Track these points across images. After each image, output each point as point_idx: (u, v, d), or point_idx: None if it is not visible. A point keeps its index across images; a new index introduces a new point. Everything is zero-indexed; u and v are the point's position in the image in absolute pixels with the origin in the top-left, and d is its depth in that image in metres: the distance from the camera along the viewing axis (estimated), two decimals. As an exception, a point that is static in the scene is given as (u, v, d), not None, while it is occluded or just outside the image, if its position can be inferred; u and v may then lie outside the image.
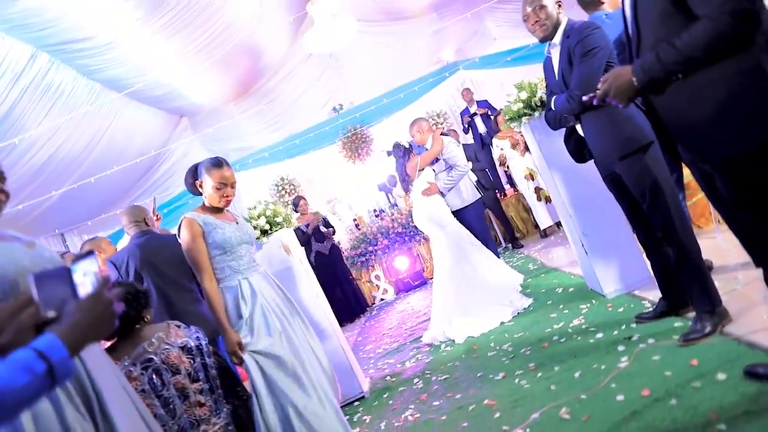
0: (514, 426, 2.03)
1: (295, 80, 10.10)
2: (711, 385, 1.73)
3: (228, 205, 2.31)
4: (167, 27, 6.84)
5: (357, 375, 3.30)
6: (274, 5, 8.14)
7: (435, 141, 4.32)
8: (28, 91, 6.69)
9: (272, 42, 9.01)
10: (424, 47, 9.94)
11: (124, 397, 1.38)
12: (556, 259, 4.92)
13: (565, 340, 2.73)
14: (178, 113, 9.81)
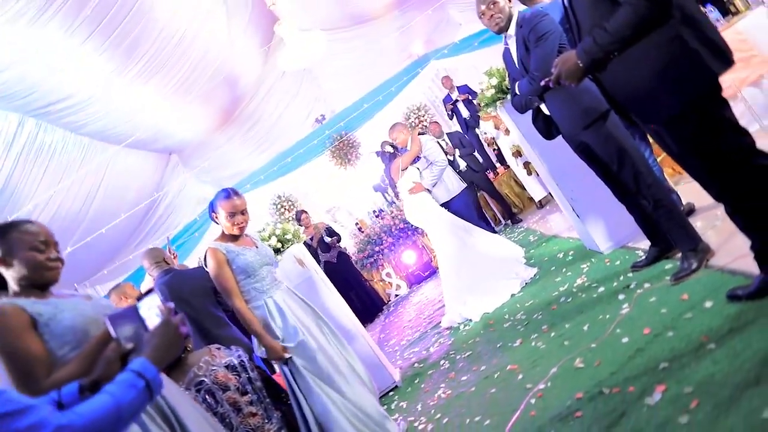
0: (536, 383, 2.24)
1: (273, 99, 10.30)
2: (700, 314, 1.94)
3: (242, 231, 2.52)
4: (142, 73, 7.02)
5: (387, 367, 3.51)
6: (241, 31, 8.33)
7: (413, 142, 4.54)
8: (21, 157, 6.87)
9: (245, 66, 9.20)
10: (394, 45, 10.15)
11: (195, 412, 1.59)
12: (554, 226, 5.13)
13: (571, 299, 2.94)
14: (166, 152, 9.99)
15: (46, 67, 5.94)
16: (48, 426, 0.87)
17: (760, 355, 1.51)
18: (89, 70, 6.30)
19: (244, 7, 8.11)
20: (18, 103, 6.31)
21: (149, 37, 6.58)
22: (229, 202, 2.46)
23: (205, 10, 7.21)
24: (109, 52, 6.26)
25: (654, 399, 1.63)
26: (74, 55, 5.91)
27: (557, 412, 1.92)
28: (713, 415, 1.41)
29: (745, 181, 1.64)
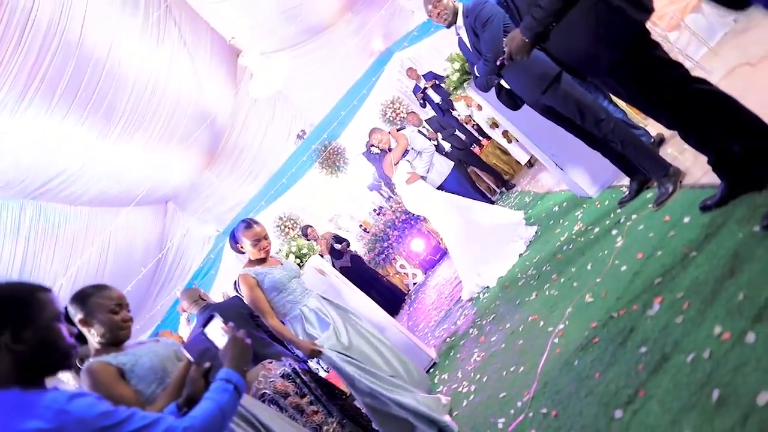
0: (556, 325, 2.49)
1: (252, 127, 10.52)
2: (681, 229, 2.19)
3: (268, 254, 2.77)
4: (124, 132, 7.24)
5: (422, 348, 3.76)
6: (206, 70, 8.55)
7: (397, 138, 4.78)
8: (30, 240, 7.10)
9: (218, 102, 9.43)
10: (355, 47, 10.37)
11: (272, 413, 1.85)
12: (545, 183, 5.38)
13: (573, 245, 3.19)
14: (163, 202, 10.22)
15: (35, 150, 6.18)
16: (177, 428, 1.13)
17: (731, 251, 1.76)
18: (75, 142, 6.54)
19: (204, 47, 8.34)
20: (16, 189, 6.56)
21: (123, 98, 6.82)
22: (251, 231, 2.71)
23: (168, 58, 7.44)
24: (89, 120, 6.49)
25: (654, 310, 1.88)
26: (59, 131, 6.15)
27: (578, 343, 2.17)
28: (702, 310, 1.66)
29: (687, 106, 1.89)
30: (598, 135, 2.60)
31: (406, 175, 4.63)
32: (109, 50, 6.16)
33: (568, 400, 1.90)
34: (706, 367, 1.44)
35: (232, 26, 8.10)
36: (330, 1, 9.36)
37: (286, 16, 8.48)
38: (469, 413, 2.57)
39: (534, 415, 2.02)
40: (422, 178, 4.70)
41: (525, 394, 2.21)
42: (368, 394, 2.64)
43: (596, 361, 1.94)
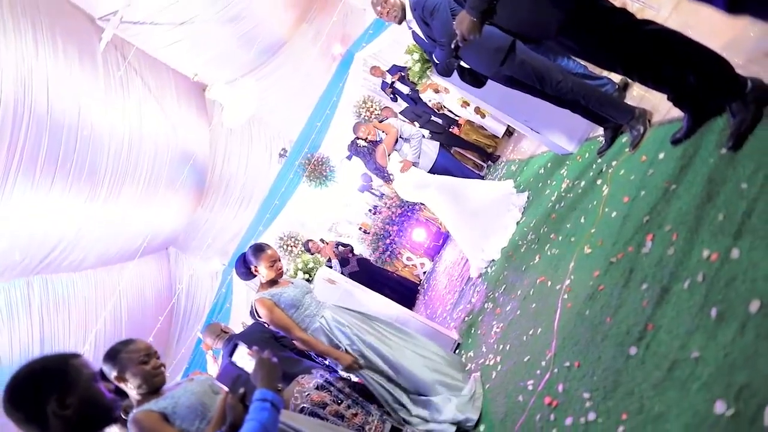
0: (563, 281, 2.59)
1: (233, 156, 10.59)
2: (658, 166, 2.28)
3: (282, 274, 2.86)
4: (111, 190, 7.31)
5: (445, 333, 3.85)
6: (176, 111, 8.62)
7: (385, 128, 4.86)
8: (44, 314, 7.17)
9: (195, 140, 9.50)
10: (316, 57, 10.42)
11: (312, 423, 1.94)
12: (527, 149, 5.47)
13: (564, 203, 3.29)
14: (164, 247, 10.30)
15: (28, 227, 6.25)
16: None
17: (706, 177, 1.86)
18: (65, 210, 6.61)
19: (169, 90, 8.41)
20: (19, 269, 6.63)
21: (102, 157, 6.89)
22: (266, 254, 2.81)
23: (137, 109, 7.50)
24: (74, 186, 6.56)
25: (647, 248, 1.97)
26: (47, 204, 6.22)
27: (586, 294, 2.26)
28: (689, 238, 1.75)
29: (638, 51, 1.99)
30: (560, 95, 2.69)
31: (399, 164, 4.70)
32: (78, 114, 6.23)
33: (587, 348, 2.00)
34: (701, 290, 1.54)
35: (191, 64, 8.17)
36: (282, 18, 9.41)
37: (242, 42, 8.54)
38: (500, 383, 2.67)
39: (559, 370, 2.12)
40: (414, 164, 4.78)
41: (547, 353, 2.31)
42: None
43: (605, 307, 2.04)
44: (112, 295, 8.61)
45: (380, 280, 7.03)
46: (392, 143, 4.77)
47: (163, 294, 10.02)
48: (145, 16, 7.09)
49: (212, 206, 10.82)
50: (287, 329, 2.79)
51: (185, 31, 7.63)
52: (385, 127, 4.87)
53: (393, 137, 4.80)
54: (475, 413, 2.66)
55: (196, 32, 7.66)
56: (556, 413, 1.96)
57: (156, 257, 10.36)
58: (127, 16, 6.93)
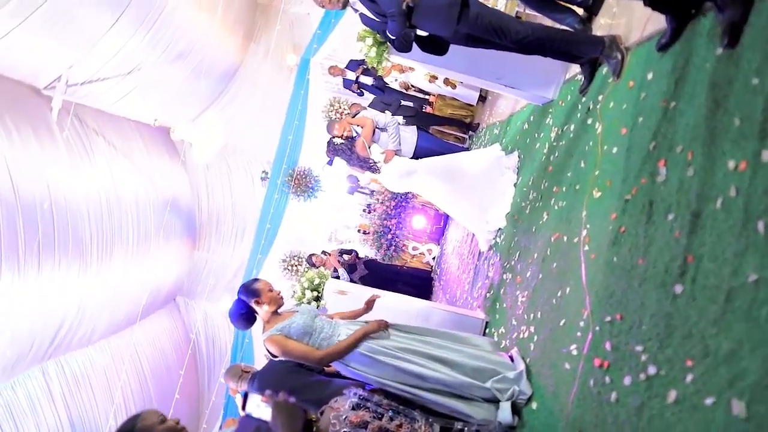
0: (579, 233, 2.42)
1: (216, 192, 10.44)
2: (649, 87, 2.12)
3: (283, 302, 2.69)
4: (101, 257, 7.15)
5: (470, 315, 3.70)
6: (146, 161, 8.43)
7: (359, 122, 4.69)
8: (66, 396, 7.01)
9: (174, 184, 9.31)
10: (271, 72, 10.23)
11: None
12: (505, 109, 5.31)
13: (557, 153, 3.13)
14: (170, 299, 10.14)
15: (27, 314, 6.07)
16: None
17: (706, 83, 1.69)
18: (60, 288, 6.43)
19: (134, 142, 8.22)
20: (29, 358, 6.46)
21: (84, 226, 6.70)
22: (258, 284, 2.66)
23: (107, 168, 7.31)
24: (63, 261, 6.38)
25: (662, 175, 1.81)
26: (40, 286, 6.04)
27: (607, 240, 2.11)
28: (707, 153, 1.59)
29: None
30: (522, 44, 2.53)
31: (381, 156, 4.53)
32: (48, 190, 6.03)
33: (625, 298, 1.84)
34: (738, 204, 1.38)
35: (149, 110, 7.98)
36: (228, 43, 9.21)
37: (195, 76, 8.35)
38: (541, 353, 2.51)
39: (601, 328, 1.96)
40: (396, 152, 4.61)
41: (583, 312, 2.15)
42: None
43: (633, 249, 1.88)
44: (131, 359, 8.46)
45: (392, 277, 6.88)
46: (370, 134, 4.60)
47: (181, 345, 9.87)
48: (90, 74, 6.88)
49: (208, 246, 10.66)
50: (305, 357, 2.62)
51: (135, 79, 7.42)
52: (360, 121, 4.69)
53: (370, 128, 4.62)
54: (527, 387, 2.50)
55: (146, 78, 7.46)
56: (610, 374, 1.80)
57: (166, 310, 10.20)
58: (72, 79, 6.74)
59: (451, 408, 2.54)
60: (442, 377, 2.58)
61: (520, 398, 2.50)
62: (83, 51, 6.48)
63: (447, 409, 2.55)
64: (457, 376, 2.58)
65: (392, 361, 2.61)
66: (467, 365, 2.64)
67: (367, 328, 2.67)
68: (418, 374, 2.58)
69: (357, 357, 2.63)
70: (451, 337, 2.87)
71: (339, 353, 2.60)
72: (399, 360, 2.61)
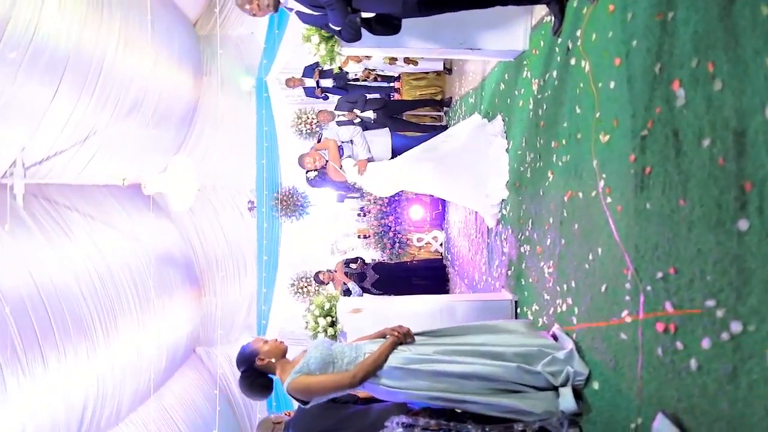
0: (596, 184, 2.15)
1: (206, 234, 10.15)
2: (634, 4, 1.86)
3: (284, 345, 2.43)
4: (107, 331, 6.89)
5: (496, 298, 3.44)
6: (128, 223, 8.15)
7: (325, 146, 4.49)
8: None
9: (164, 238, 9.04)
10: (230, 100, 9.93)
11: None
12: (475, 74, 5.03)
13: (545, 105, 2.86)
14: (190, 353, 9.92)
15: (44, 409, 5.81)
16: None
17: (708, -22, 1.43)
18: (74, 373, 6.17)
19: (112, 208, 7.93)
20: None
21: (80, 306, 6.45)
22: (253, 340, 2.42)
23: (91, 241, 7.04)
24: (68, 347, 6.12)
25: (681, 97, 1.55)
26: (51, 377, 5.78)
27: (632, 186, 1.85)
28: (732, 58, 1.33)
29: None
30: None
31: (356, 169, 4.29)
32: (33, 281, 5.77)
33: (674, 248, 1.58)
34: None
35: (118, 172, 7.68)
36: (178, 83, 8.89)
37: (154, 124, 8.05)
38: (587, 327, 2.25)
39: (653, 287, 1.70)
40: (370, 160, 4.36)
41: (625, 272, 1.89)
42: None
43: (668, 190, 1.62)
44: (165, 425, 8.22)
45: (404, 275, 6.63)
46: (337, 156, 4.39)
47: (213, 396, 9.62)
48: (46, 151, 6.59)
49: (214, 290, 10.39)
50: (337, 386, 2.34)
51: (93, 144, 7.12)
52: (323, 145, 4.49)
53: (334, 150, 4.41)
54: (582, 366, 2.24)
55: (104, 140, 7.15)
56: (681, 339, 1.54)
57: (188, 365, 9.95)
58: (29, 160, 6.45)
59: (505, 407, 2.28)
60: (486, 370, 2.31)
61: (578, 380, 2.24)
62: (31, 130, 6.19)
63: (501, 410, 2.29)
64: (503, 364, 2.32)
65: (428, 367, 2.35)
66: (509, 353, 2.38)
67: (392, 339, 2.40)
68: (459, 374, 2.32)
69: (390, 372, 2.37)
70: (481, 329, 2.61)
71: (371, 366, 2.32)
72: (435, 364, 2.35)
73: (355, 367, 2.30)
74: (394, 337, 2.38)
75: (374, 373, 2.31)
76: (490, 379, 2.30)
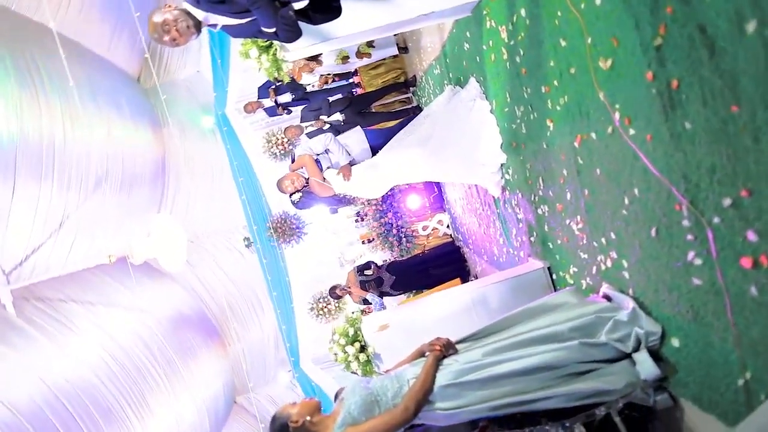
0: (609, 117, 1.86)
1: (211, 283, 9.89)
2: None
3: (317, 399, 2.14)
4: (140, 414, 6.60)
5: (526, 270, 3.14)
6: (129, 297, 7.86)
7: (300, 163, 4.22)
8: None
9: (171, 302, 8.76)
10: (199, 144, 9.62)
11: None
12: (433, 43, 4.72)
13: (521, 50, 2.56)
14: (231, 405, 9.67)
15: None
16: None
17: None
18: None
19: (107, 286, 7.63)
20: None
21: (104, 394, 6.19)
22: (280, 408, 2.11)
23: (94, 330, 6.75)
24: None
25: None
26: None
27: (657, 108, 1.55)
28: None
29: None
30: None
31: (340, 176, 3.99)
32: (46, 385, 5.51)
33: (739, 165, 1.29)
34: None
35: (101, 252, 7.35)
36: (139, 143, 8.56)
37: (126, 191, 7.74)
38: (645, 279, 1.96)
39: (723, 218, 1.41)
40: (351, 164, 4.07)
41: (678, 208, 1.59)
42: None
43: (710, 99, 1.32)
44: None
45: (420, 268, 6.33)
46: (316, 170, 4.09)
47: None
48: (22, 250, 6.28)
49: (236, 336, 10.13)
50: (390, 426, 2.04)
51: (70, 229, 6.82)
52: (299, 163, 4.21)
53: (311, 164, 4.12)
54: (652, 324, 1.95)
55: (80, 222, 6.85)
56: (782, 271, 1.25)
57: (233, 418, 9.71)
58: (7, 265, 6.14)
59: (582, 393, 1.99)
60: (547, 358, 2.02)
61: (651, 341, 1.94)
62: (0, 233, 5.89)
63: (579, 398, 1.99)
64: (563, 346, 2.03)
65: (483, 374, 2.05)
66: (564, 330, 2.09)
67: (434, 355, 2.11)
68: (519, 371, 2.02)
69: (442, 393, 2.07)
70: (525, 314, 2.32)
71: (420, 391, 2.02)
72: (489, 368, 2.06)
73: (404, 399, 2.00)
74: (436, 351, 2.09)
75: (426, 398, 2.01)
76: (555, 367, 2.01)
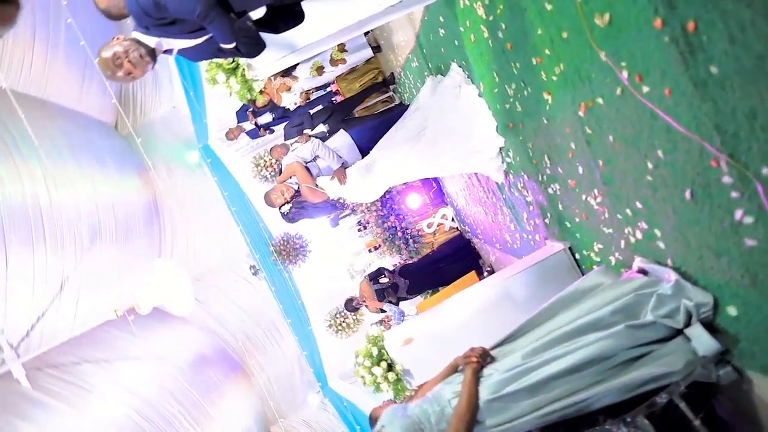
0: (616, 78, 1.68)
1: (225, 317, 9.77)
2: None
3: None
4: None
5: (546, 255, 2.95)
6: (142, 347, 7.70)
7: (290, 172, 4.05)
8: None
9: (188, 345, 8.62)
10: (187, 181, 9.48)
11: None
12: (406, 35, 4.56)
13: (503, 24, 2.38)
14: None
15: None
16: None
17: None
18: None
19: (118, 340, 7.47)
20: None
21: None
22: None
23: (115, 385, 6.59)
24: None
25: None
26: None
27: (675, 58, 1.37)
28: None
29: None
30: None
31: (335, 181, 3.81)
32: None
33: None
34: None
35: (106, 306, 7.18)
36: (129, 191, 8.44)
37: (123, 240, 7.61)
38: (684, 247, 1.77)
39: None
40: (344, 167, 3.90)
41: (714, 164, 1.42)
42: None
43: (740, 35, 1.14)
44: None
45: (432, 267, 6.16)
46: (307, 176, 3.92)
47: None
48: (26, 320, 6.13)
49: (259, 366, 9.99)
50: None
51: (70, 290, 6.67)
52: (288, 173, 4.03)
53: (301, 171, 3.95)
54: (701, 294, 1.76)
55: (80, 281, 6.70)
56: None
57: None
58: (13, 338, 5.98)
59: (639, 382, 1.81)
60: (592, 350, 1.85)
61: (704, 312, 1.76)
62: (1, 307, 5.73)
63: (634, 388, 1.82)
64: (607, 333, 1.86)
65: (527, 381, 1.88)
66: (605, 316, 1.92)
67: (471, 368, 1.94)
68: (566, 370, 1.85)
69: (488, 408, 1.90)
70: (557, 306, 2.15)
71: (466, 412, 1.85)
72: (532, 372, 1.89)
73: (450, 424, 1.83)
74: (473, 364, 1.92)
75: (474, 418, 1.84)
76: (604, 358, 1.84)
